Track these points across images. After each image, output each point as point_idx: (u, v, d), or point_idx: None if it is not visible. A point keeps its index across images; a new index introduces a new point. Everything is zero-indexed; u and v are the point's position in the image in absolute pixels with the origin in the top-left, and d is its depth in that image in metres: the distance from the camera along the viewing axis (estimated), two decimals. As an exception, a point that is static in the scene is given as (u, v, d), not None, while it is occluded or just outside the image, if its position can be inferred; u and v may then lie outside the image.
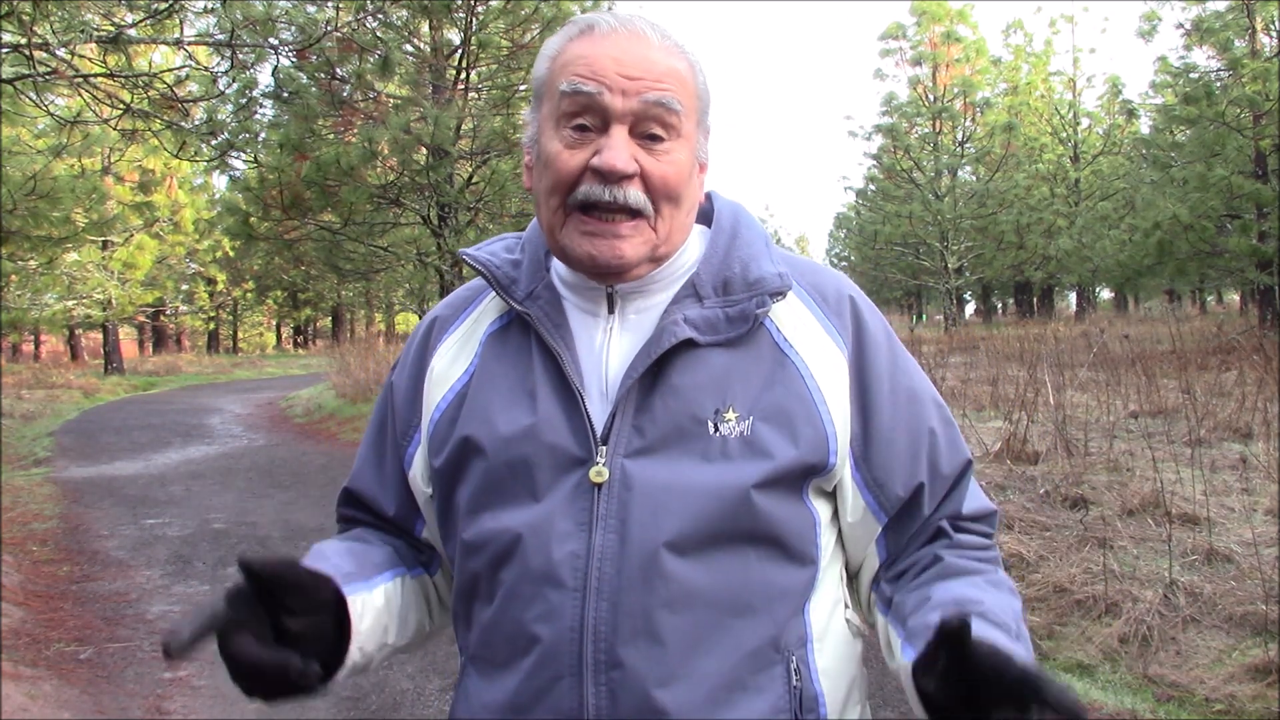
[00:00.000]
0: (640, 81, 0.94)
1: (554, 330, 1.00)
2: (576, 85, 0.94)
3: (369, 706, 3.77)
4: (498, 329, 1.06)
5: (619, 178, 0.93)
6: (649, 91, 0.94)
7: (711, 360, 0.97)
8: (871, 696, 3.72)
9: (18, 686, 3.79)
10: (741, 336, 0.98)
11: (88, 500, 8.02)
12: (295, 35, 7.26)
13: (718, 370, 0.97)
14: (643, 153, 0.95)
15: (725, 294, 1.00)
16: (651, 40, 0.97)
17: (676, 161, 0.97)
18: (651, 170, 0.95)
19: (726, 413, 0.95)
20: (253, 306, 41.14)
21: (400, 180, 11.77)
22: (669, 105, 0.95)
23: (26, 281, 15.89)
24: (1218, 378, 9.55)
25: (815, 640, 0.98)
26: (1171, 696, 3.54)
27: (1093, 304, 35.71)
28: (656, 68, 0.95)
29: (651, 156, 0.95)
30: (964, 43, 27.34)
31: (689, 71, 0.99)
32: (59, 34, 5.02)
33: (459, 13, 11.03)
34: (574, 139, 0.95)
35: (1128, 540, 4.80)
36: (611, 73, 0.94)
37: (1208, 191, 14.17)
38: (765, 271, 1.01)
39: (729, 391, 0.96)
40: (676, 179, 0.97)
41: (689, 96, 0.98)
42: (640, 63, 0.95)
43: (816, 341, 1.01)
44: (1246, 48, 14.97)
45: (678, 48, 0.99)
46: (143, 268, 21.37)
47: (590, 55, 0.95)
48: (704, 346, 0.97)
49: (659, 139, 0.96)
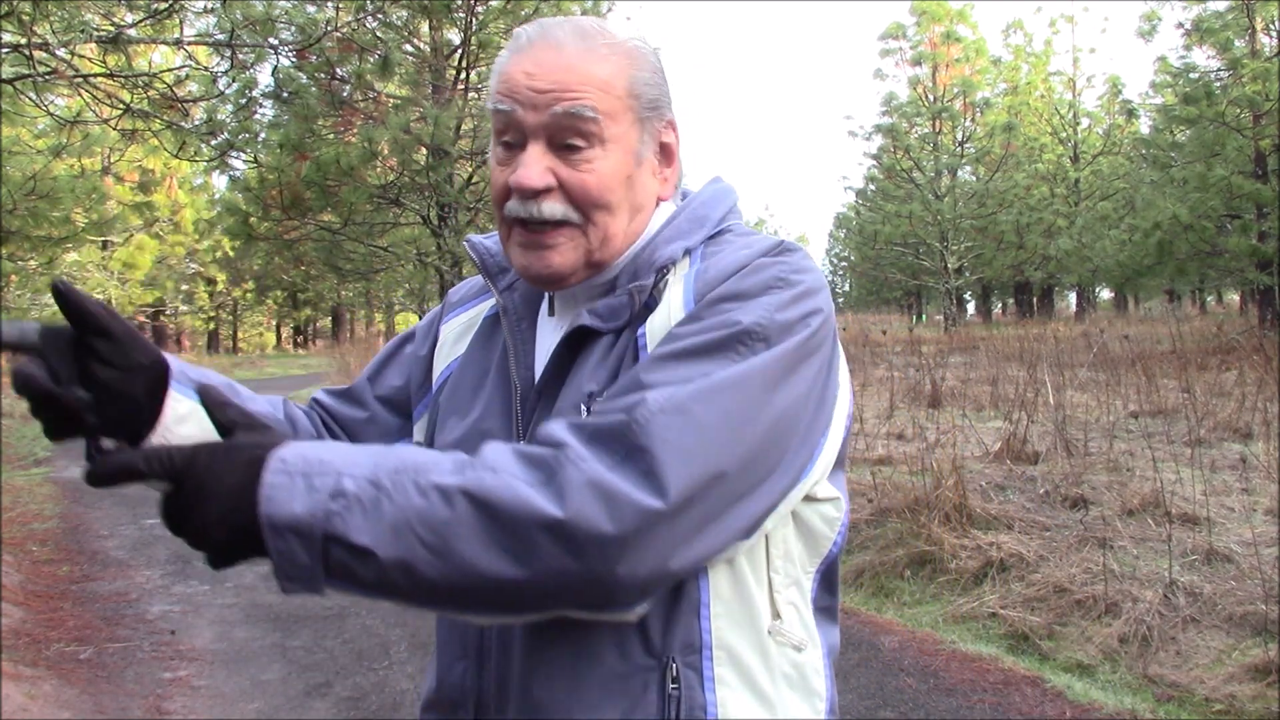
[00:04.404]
0: (549, 94, 0.94)
1: (516, 323, 1.04)
2: (497, 104, 0.97)
3: (369, 706, 3.77)
4: (490, 316, 1.12)
5: (532, 194, 0.95)
6: (558, 103, 0.94)
7: (602, 345, 0.97)
8: (871, 696, 3.73)
9: (18, 686, 3.79)
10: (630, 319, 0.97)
11: (88, 500, 8.01)
12: (295, 35, 7.27)
13: (601, 354, 0.97)
14: (562, 164, 0.95)
15: (633, 280, 1.00)
16: (566, 48, 0.96)
17: (599, 169, 0.96)
18: (570, 181, 0.95)
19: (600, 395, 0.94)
20: (253, 306, 41.14)
21: (400, 180, 11.78)
22: (580, 114, 0.94)
23: (26, 281, 15.88)
24: (1218, 378, 9.55)
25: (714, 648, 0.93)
26: (1171, 696, 3.54)
27: (1093, 304, 35.74)
28: (568, 77, 0.94)
29: (571, 167, 0.95)
30: (964, 43, 27.37)
31: (616, 72, 0.97)
32: (59, 34, 5.02)
33: (459, 13, 11.04)
34: (503, 156, 0.98)
35: (1128, 540, 4.80)
36: (523, 88, 0.95)
37: (1208, 191, 14.17)
38: (663, 253, 0.99)
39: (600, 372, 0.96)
40: (599, 187, 0.96)
41: (612, 99, 0.96)
42: (550, 74, 0.95)
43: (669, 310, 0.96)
44: (1246, 48, 14.98)
45: (603, 49, 0.97)
46: (143, 268, 21.40)
47: (508, 72, 0.96)
48: (606, 334, 0.97)
49: (577, 148, 0.96)
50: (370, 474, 0.78)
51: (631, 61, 0.99)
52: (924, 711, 3.61)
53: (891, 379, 10.74)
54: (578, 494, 0.77)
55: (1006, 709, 3.58)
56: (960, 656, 4.07)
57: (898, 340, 18.25)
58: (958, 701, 3.67)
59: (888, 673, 3.95)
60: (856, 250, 42.82)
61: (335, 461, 0.79)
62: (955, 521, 5.20)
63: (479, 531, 0.77)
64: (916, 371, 11.38)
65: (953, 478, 5.45)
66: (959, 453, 6.25)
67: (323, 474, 0.78)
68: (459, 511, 0.77)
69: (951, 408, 9.12)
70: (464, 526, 0.77)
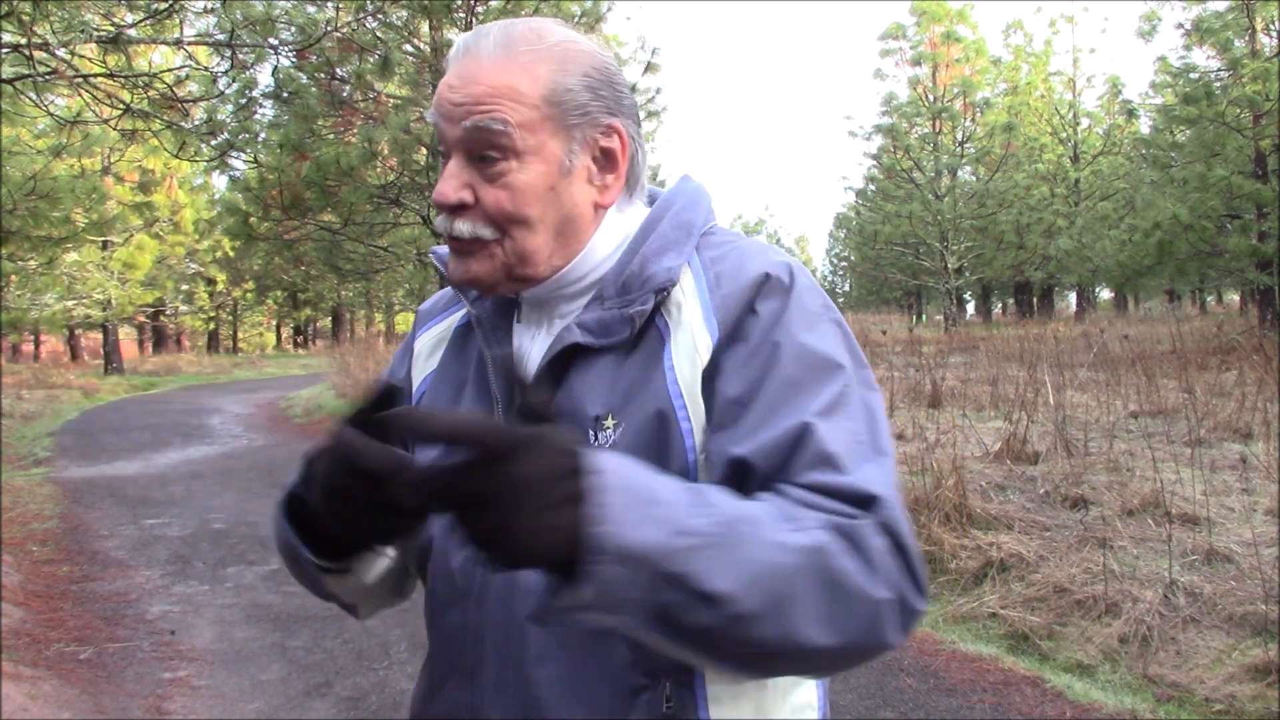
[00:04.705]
0: (462, 107, 0.92)
1: (491, 333, 1.01)
2: (432, 118, 0.96)
3: (369, 706, 3.77)
4: (461, 326, 1.09)
5: (449, 208, 0.94)
6: (467, 117, 0.91)
7: (601, 365, 0.95)
8: (871, 696, 3.73)
9: (18, 686, 3.79)
10: (633, 338, 0.95)
11: (88, 500, 8.02)
12: (295, 35, 7.26)
13: (606, 375, 0.94)
14: (480, 178, 0.93)
15: (624, 294, 0.96)
16: (480, 58, 0.93)
17: (513, 183, 0.92)
18: (485, 198, 0.93)
19: (606, 419, 0.93)
20: (253, 307, 41.12)
21: (400, 180, 11.78)
22: (488, 127, 0.91)
23: (26, 281, 15.89)
24: (1218, 378, 9.55)
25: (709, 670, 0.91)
26: (1171, 696, 3.54)
27: (1093, 304, 35.74)
28: (478, 88, 0.91)
29: (488, 181, 0.93)
30: (964, 43, 27.37)
31: (533, 80, 0.92)
32: (59, 34, 5.02)
33: (459, 13, 11.04)
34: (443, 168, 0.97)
35: (1128, 540, 4.80)
36: (445, 101, 0.93)
37: (1208, 191, 14.17)
38: (656, 268, 0.96)
39: (610, 397, 0.93)
40: (514, 202, 0.93)
41: (526, 109, 0.92)
42: (465, 86, 0.92)
43: (691, 334, 0.94)
44: (1246, 48, 14.97)
45: (523, 56, 0.93)
46: (143, 268, 21.38)
47: (441, 84, 0.96)
48: (599, 351, 0.95)
49: (492, 160, 0.92)
50: (711, 513, 0.74)
51: (558, 66, 0.94)
52: (924, 711, 3.61)
53: (891, 379, 10.73)
54: (897, 577, 0.82)
55: (1006, 709, 3.58)
56: (960, 656, 4.07)
57: (898, 340, 18.25)
58: (958, 701, 3.67)
59: (888, 673, 3.95)
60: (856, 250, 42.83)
61: (660, 491, 0.74)
62: (955, 521, 5.21)
63: (816, 599, 0.76)
64: (916, 371, 11.38)
65: (953, 478, 5.45)
66: (959, 453, 6.25)
67: (655, 502, 0.72)
68: (804, 574, 0.76)
69: (951, 408, 9.12)
70: (806, 590, 0.76)
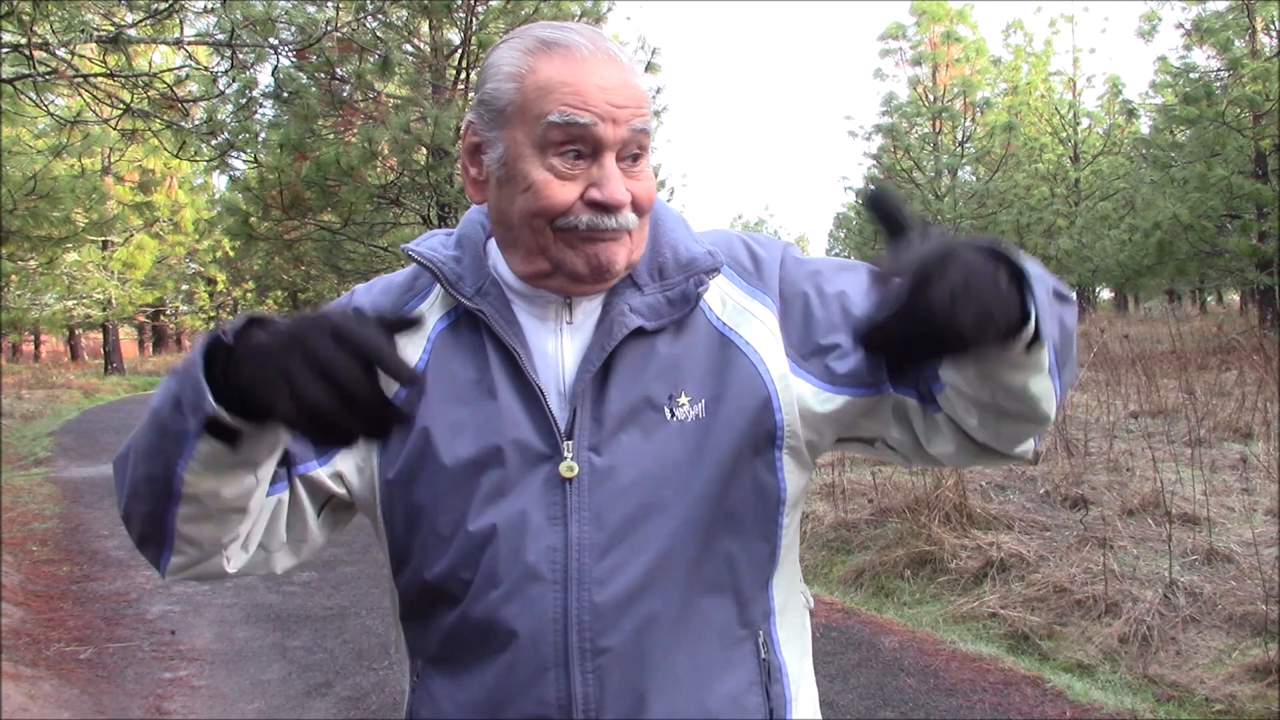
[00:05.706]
0: (625, 109, 0.95)
1: (508, 328, 1.00)
2: (570, 117, 0.93)
3: (369, 706, 3.77)
4: (447, 326, 1.04)
5: (619, 207, 0.95)
6: (634, 119, 0.96)
7: (658, 347, 1.00)
8: (871, 696, 3.73)
9: (18, 686, 3.79)
10: (684, 320, 1.02)
11: (88, 500, 8.02)
12: (295, 35, 7.27)
13: (665, 356, 1.00)
14: (625, 176, 0.97)
15: (661, 279, 1.02)
16: (623, 63, 0.97)
17: (649, 176, 1.00)
18: (637, 192, 0.97)
19: (680, 397, 0.99)
20: (253, 306, 41.15)
21: (400, 180, 11.76)
22: (645, 129, 0.98)
23: (26, 281, 15.90)
24: (1218, 378, 9.55)
25: (777, 614, 1.04)
26: (1171, 696, 3.54)
27: (1093, 304, 35.72)
28: (635, 93, 0.96)
29: (632, 178, 0.97)
30: (964, 43, 27.34)
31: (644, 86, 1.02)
32: (59, 34, 5.02)
33: (459, 13, 11.03)
34: (564, 169, 0.94)
35: (1128, 540, 4.80)
36: (601, 102, 0.94)
37: (1208, 191, 14.17)
38: (695, 252, 1.04)
39: (678, 376, 0.99)
40: (650, 195, 1.00)
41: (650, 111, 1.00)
42: (622, 89, 0.95)
43: (747, 310, 1.04)
44: (1246, 48, 14.97)
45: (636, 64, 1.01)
46: (143, 268, 21.39)
47: (575, 83, 0.94)
48: (650, 334, 1.00)
49: (637, 159, 0.98)
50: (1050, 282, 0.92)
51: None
52: (924, 711, 3.61)
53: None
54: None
55: (1006, 709, 3.58)
56: (960, 656, 4.07)
57: (898, 340, 18.22)
58: (958, 701, 3.67)
59: (888, 673, 3.95)
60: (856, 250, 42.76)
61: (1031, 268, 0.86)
62: (955, 521, 5.21)
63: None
64: (916, 371, 11.36)
65: (953, 478, 5.45)
66: (959, 453, 6.24)
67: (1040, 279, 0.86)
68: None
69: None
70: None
